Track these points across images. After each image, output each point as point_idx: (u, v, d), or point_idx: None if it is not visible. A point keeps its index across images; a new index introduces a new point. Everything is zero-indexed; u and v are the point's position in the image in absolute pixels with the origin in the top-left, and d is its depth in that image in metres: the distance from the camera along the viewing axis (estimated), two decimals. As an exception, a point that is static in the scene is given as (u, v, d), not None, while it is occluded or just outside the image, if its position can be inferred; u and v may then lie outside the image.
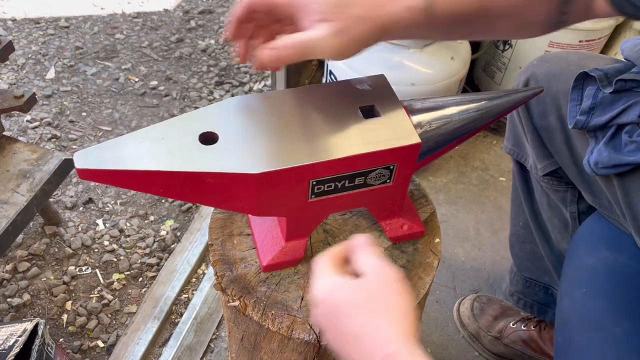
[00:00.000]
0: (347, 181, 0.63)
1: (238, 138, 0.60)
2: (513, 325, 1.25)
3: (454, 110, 0.69)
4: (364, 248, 0.55)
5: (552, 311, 1.13)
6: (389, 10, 0.58)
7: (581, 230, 0.89)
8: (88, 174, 0.56)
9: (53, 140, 1.79)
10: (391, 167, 0.64)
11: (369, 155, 0.61)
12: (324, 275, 0.53)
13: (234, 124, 0.61)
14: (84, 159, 0.56)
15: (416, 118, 0.66)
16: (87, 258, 1.48)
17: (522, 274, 1.16)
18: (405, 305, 0.51)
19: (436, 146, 0.69)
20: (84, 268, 1.46)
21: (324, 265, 0.54)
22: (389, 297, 0.51)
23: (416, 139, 0.62)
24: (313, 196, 0.63)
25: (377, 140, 0.61)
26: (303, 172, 0.59)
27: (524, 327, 1.23)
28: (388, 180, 0.65)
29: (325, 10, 0.56)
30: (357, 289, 0.51)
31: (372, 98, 0.66)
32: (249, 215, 0.75)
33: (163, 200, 1.64)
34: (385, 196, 0.68)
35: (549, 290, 1.12)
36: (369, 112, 0.65)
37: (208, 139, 0.60)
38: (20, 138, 1.77)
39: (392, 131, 0.62)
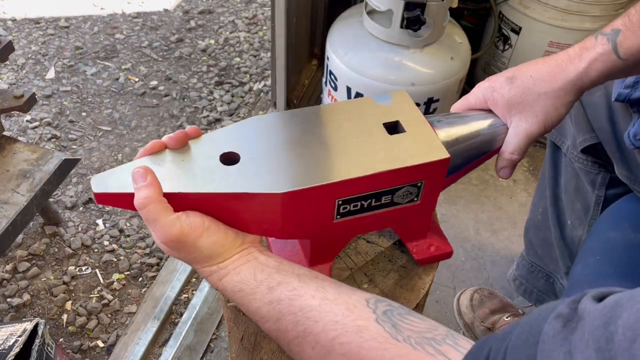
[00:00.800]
0: (373, 200, 0.61)
1: (260, 157, 0.58)
2: (507, 318, 1.27)
3: (482, 124, 0.68)
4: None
5: (550, 301, 1.15)
6: (570, 71, 0.62)
7: (610, 209, 0.92)
8: (106, 199, 0.55)
9: (53, 140, 1.79)
10: (419, 184, 0.61)
11: (397, 172, 0.58)
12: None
13: (255, 144, 0.60)
14: (101, 183, 0.55)
15: (442, 133, 0.64)
16: (87, 258, 1.48)
17: (529, 258, 1.19)
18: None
19: (464, 162, 0.68)
20: (83, 268, 1.46)
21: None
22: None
23: (445, 154, 0.60)
24: (339, 216, 0.61)
25: (404, 156, 0.59)
26: (329, 191, 0.57)
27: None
28: (415, 199, 0.63)
29: (511, 102, 0.64)
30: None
31: (395, 114, 0.64)
32: (269, 241, 0.72)
33: (163, 200, 1.64)
34: (412, 216, 0.66)
35: (551, 278, 1.15)
36: (394, 128, 0.63)
37: (229, 159, 0.58)
38: (20, 138, 1.77)
39: (419, 146, 0.60)
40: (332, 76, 1.51)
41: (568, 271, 1.08)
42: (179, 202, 0.54)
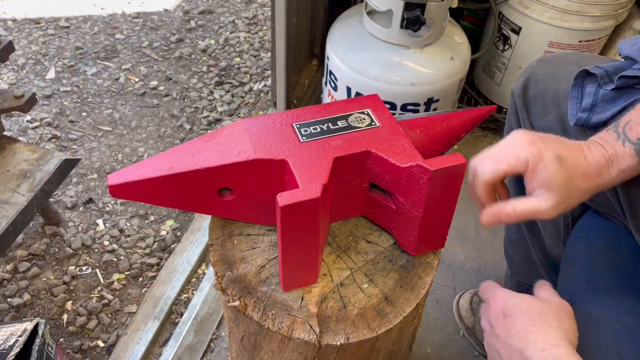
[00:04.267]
0: (330, 124, 0.71)
1: None
2: None
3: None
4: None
5: None
6: (604, 177, 0.63)
7: (579, 227, 0.89)
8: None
9: (53, 140, 1.80)
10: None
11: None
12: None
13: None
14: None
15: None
16: (87, 258, 1.48)
17: (515, 278, 1.16)
18: (570, 328, 0.61)
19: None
20: (84, 268, 1.46)
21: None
22: (560, 315, 0.62)
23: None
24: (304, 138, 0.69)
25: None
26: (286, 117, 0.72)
27: None
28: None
29: (552, 183, 0.62)
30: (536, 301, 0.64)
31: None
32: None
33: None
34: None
35: None
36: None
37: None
38: (20, 138, 1.77)
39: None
40: (332, 76, 1.51)
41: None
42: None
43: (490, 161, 0.66)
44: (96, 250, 1.50)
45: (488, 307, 0.67)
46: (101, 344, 1.31)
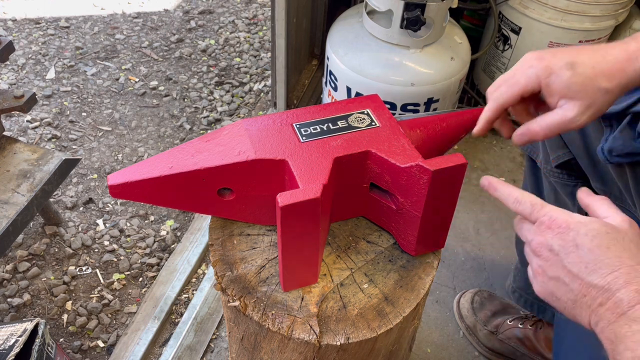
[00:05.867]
0: (330, 124, 0.71)
1: None
2: (510, 322, 1.26)
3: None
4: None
5: (551, 311, 1.14)
6: (628, 72, 0.61)
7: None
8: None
9: (53, 140, 1.80)
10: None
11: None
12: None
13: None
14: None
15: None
16: (87, 258, 1.48)
17: (525, 269, 1.17)
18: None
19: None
20: (84, 268, 1.46)
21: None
22: (637, 242, 0.54)
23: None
24: (304, 138, 0.69)
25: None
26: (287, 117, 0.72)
27: (520, 325, 1.24)
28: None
29: (569, 89, 0.60)
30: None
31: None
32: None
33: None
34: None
35: None
36: None
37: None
38: (20, 138, 1.77)
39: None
40: (332, 76, 1.51)
41: None
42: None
43: (505, 86, 0.65)
44: (96, 250, 1.50)
45: (542, 228, 0.57)
46: (101, 344, 1.31)
